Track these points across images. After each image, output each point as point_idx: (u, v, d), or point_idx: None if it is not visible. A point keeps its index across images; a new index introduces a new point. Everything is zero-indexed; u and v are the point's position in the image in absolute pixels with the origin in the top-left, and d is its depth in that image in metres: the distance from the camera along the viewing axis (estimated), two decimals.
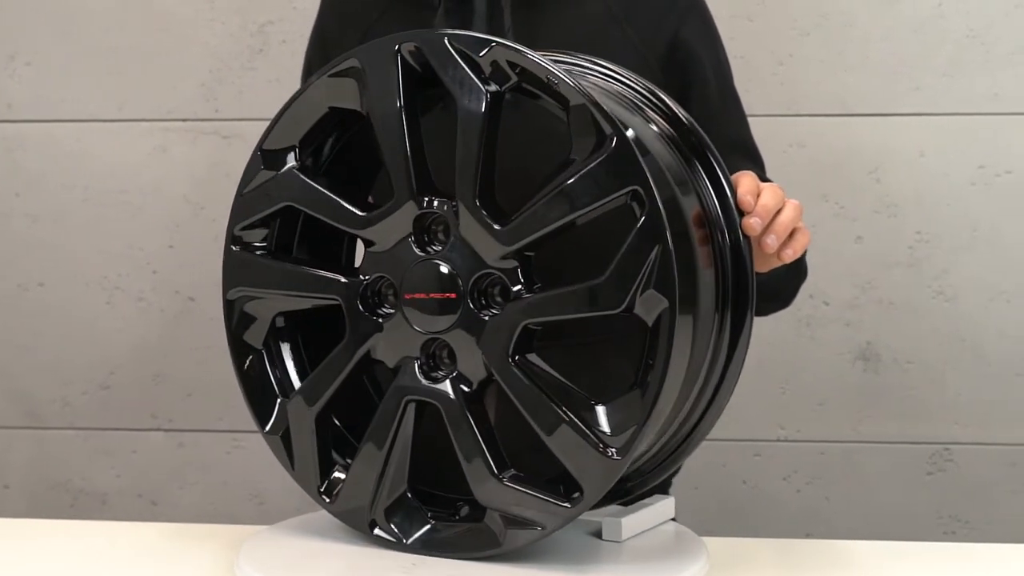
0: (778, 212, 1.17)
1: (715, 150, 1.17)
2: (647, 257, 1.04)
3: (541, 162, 1.13)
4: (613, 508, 1.21)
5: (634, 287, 1.04)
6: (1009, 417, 2.17)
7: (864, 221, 2.15)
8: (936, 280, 2.17)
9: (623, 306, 1.05)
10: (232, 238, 1.24)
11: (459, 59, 1.11)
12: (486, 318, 1.11)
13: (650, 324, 1.04)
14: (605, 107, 1.06)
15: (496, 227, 1.10)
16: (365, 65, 1.16)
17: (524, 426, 1.10)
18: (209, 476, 2.31)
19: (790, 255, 1.20)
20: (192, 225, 2.27)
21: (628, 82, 1.20)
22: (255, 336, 1.25)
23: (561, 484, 1.09)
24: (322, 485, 1.21)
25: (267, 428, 1.24)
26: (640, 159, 1.04)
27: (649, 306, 1.04)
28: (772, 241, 1.17)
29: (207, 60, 2.24)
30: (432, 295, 1.12)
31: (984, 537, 2.18)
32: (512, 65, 1.11)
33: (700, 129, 1.18)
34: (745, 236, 1.15)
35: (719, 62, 1.49)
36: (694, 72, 1.45)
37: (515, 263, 1.10)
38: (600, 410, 1.07)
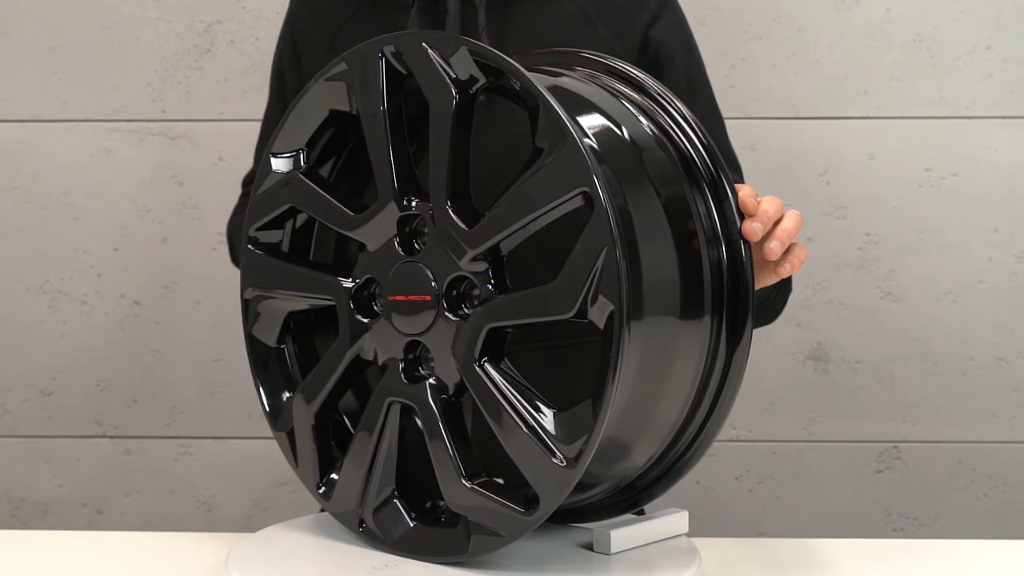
0: (779, 220, 1.16)
1: (719, 155, 1.15)
2: (595, 261, 1.00)
3: (518, 164, 1.11)
4: (626, 517, 1.20)
5: (583, 292, 1.01)
6: (955, 415, 2.21)
7: (814, 223, 2.18)
8: (884, 281, 2.20)
9: (574, 311, 1.02)
10: (248, 239, 1.26)
11: (431, 59, 1.10)
12: (457, 321, 1.10)
13: (602, 329, 1.01)
14: (558, 107, 1.03)
15: (464, 229, 1.09)
16: (352, 68, 1.16)
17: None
18: (156, 484, 2.27)
19: (787, 270, 1.16)
20: (138, 228, 2.22)
21: (644, 84, 1.19)
22: (269, 335, 1.26)
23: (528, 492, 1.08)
24: (321, 483, 1.22)
25: (276, 424, 1.25)
26: (588, 160, 1.01)
27: (601, 311, 1.01)
28: (775, 247, 1.14)
29: (153, 60, 2.20)
30: (411, 297, 1.12)
31: (932, 533, 2.22)
32: (483, 66, 1.10)
33: (706, 132, 1.16)
34: (745, 243, 1.12)
35: (692, 62, 1.49)
36: (665, 71, 1.44)
37: (485, 265, 1.09)
38: (556, 418, 1.05)
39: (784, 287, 1.34)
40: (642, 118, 1.17)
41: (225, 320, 2.22)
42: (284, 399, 1.26)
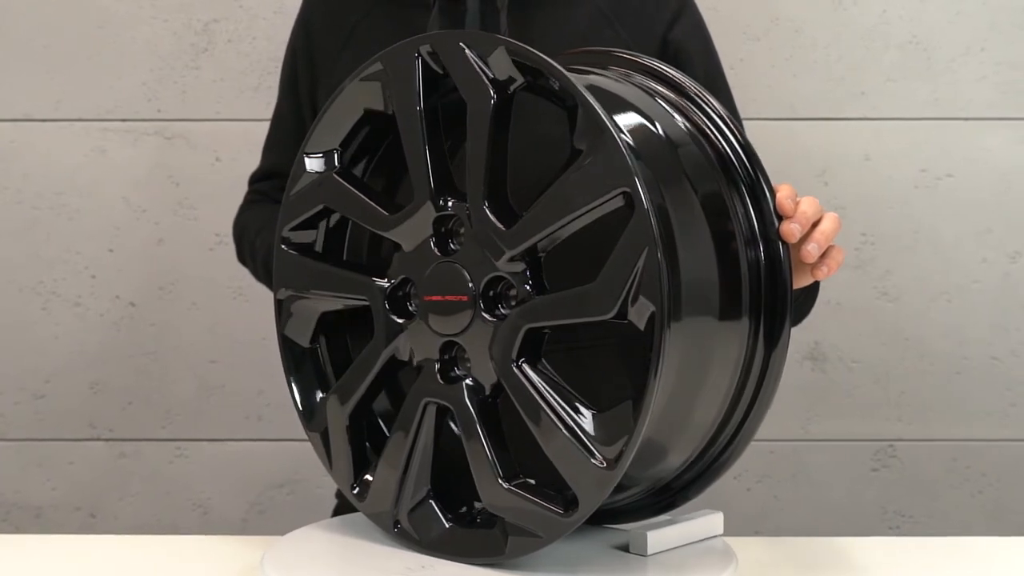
0: (817, 222, 1.16)
1: (756, 154, 1.16)
2: (635, 262, 1.00)
3: (540, 165, 1.12)
4: (661, 519, 1.20)
5: (624, 293, 1.01)
6: (950, 413, 2.23)
7: None
8: (881, 281, 2.22)
9: (614, 312, 1.02)
10: (281, 239, 1.25)
11: (469, 59, 1.10)
12: (494, 322, 1.10)
13: (642, 331, 1.01)
14: (598, 107, 1.03)
15: (502, 229, 1.09)
16: (388, 68, 1.16)
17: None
18: (151, 487, 2.24)
19: (824, 272, 1.16)
20: (133, 228, 2.20)
21: (680, 83, 1.19)
22: (302, 335, 1.25)
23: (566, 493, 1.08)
24: (356, 484, 1.21)
25: (310, 424, 1.25)
26: (629, 160, 1.00)
27: (641, 312, 1.01)
28: (813, 249, 1.14)
29: (149, 59, 2.18)
30: (447, 297, 1.12)
31: (927, 531, 2.24)
32: (521, 66, 1.09)
33: (742, 131, 1.17)
34: (784, 244, 1.12)
35: (711, 62, 1.50)
36: (686, 71, 1.45)
37: (523, 266, 1.08)
38: (595, 420, 1.05)
39: (814, 288, 1.34)
40: (678, 117, 1.17)
41: (221, 321, 2.21)
42: (318, 399, 1.25)
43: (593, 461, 1.04)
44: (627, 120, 1.13)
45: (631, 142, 1.09)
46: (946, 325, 2.22)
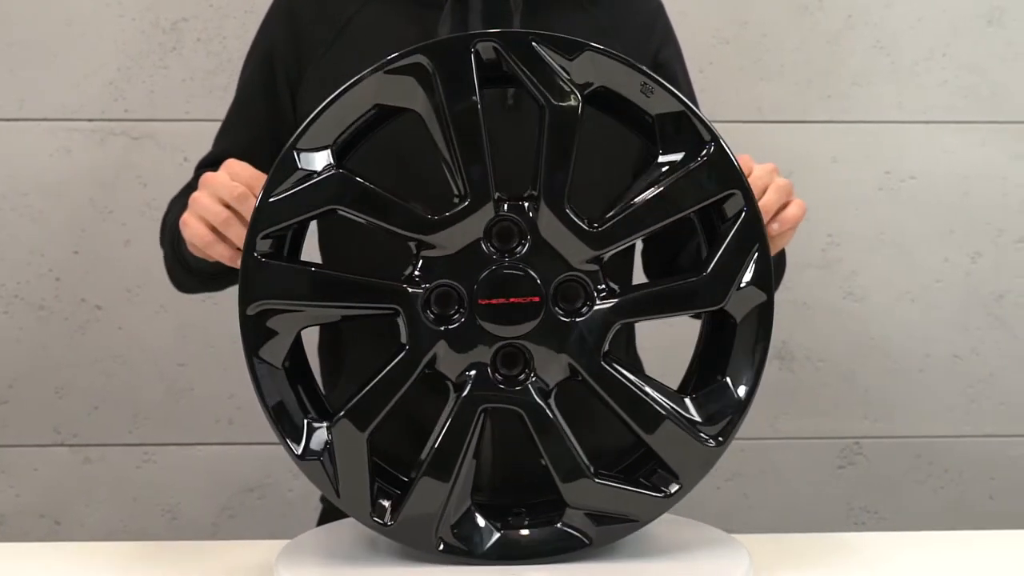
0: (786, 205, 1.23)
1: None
2: (748, 255, 1.12)
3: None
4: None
5: (734, 284, 1.12)
6: (913, 411, 2.28)
7: None
8: (847, 281, 2.25)
9: (725, 303, 1.12)
10: (253, 245, 1.12)
11: (548, 61, 1.11)
12: (570, 321, 1.11)
13: (739, 320, 1.11)
14: (702, 115, 1.12)
15: (587, 230, 1.11)
16: (434, 63, 1.11)
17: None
18: (118, 493, 2.21)
19: (776, 228, 1.21)
20: (99, 230, 2.16)
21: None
22: (275, 354, 1.14)
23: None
24: (374, 509, 1.14)
25: (299, 453, 1.14)
26: (736, 164, 1.10)
27: (743, 302, 1.12)
28: (775, 228, 1.21)
29: (116, 57, 2.14)
30: (512, 300, 1.10)
31: (891, 526, 2.28)
32: (597, 70, 1.12)
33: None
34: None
35: (688, 83, 1.57)
36: None
37: (596, 266, 1.12)
38: (689, 402, 1.13)
39: (781, 257, 1.41)
40: None
41: (190, 324, 2.18)
42: (304, 425, 1.14)
43: (701, 442, 1.12)
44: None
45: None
46: (910, 324, 2.26)
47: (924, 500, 2.29)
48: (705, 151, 1.12)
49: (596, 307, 1.11)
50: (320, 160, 1.12)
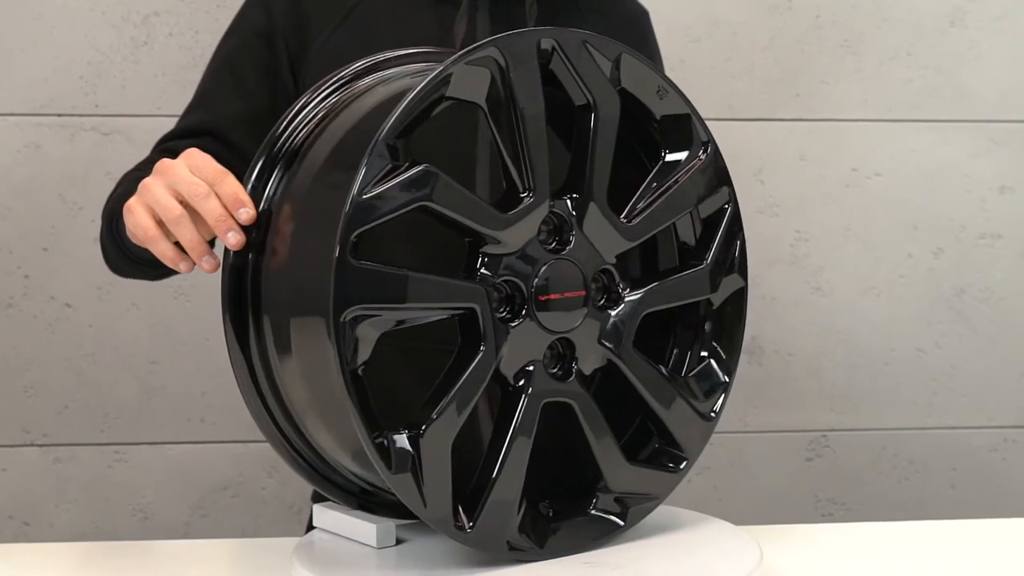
0: None
1: None
2: (734, 247, 1.24)
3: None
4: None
5: (722, 273, 1.22)
6: (878, 404, 2.33)
7: (749, 221, 2.21)
8: (814, 276, 2.29)
9: (714, 291, 1.22)
10: (348, 248, 1.00)
11: (595, 62, 1.14)
12: (609, 311, 1.16)
13: (716, 305, 1.22)
14: (702, 120, 1.21)
15: (625, 224, 1.16)
16: (508, 57, 1.08)
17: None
18: (89, 493, 2.18)
19: None
20: (69, 227, 2.13)
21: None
22: (360, 364, 1.04)
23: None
24: (456, 517, 1.08)
25: (395, 468, 1.04)
26: (724, 163, 1.22)
27: (724, 289, 1.23)
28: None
29: (86, 52, 2.12)
30: (566, 294, 1.12)
31: (857, 517, 2.32)
32: (625, 73, 1.16)
33: None
34: None
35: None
36: None
37: (616, 260, 1.16)
38: (691, 381, 1.22)
39: None
40: None
41: (162, 321, 2.16)
42: (387, 437, 1.04)
43: (701, 417, 1.21)
44: None
45: None
46: (875, 319, 2.31)
47: (889, 491, 2.34)
48: (703, 150, 1.21)
49: (627, 298, 1.16)
50: (402, 153, 1.04)
